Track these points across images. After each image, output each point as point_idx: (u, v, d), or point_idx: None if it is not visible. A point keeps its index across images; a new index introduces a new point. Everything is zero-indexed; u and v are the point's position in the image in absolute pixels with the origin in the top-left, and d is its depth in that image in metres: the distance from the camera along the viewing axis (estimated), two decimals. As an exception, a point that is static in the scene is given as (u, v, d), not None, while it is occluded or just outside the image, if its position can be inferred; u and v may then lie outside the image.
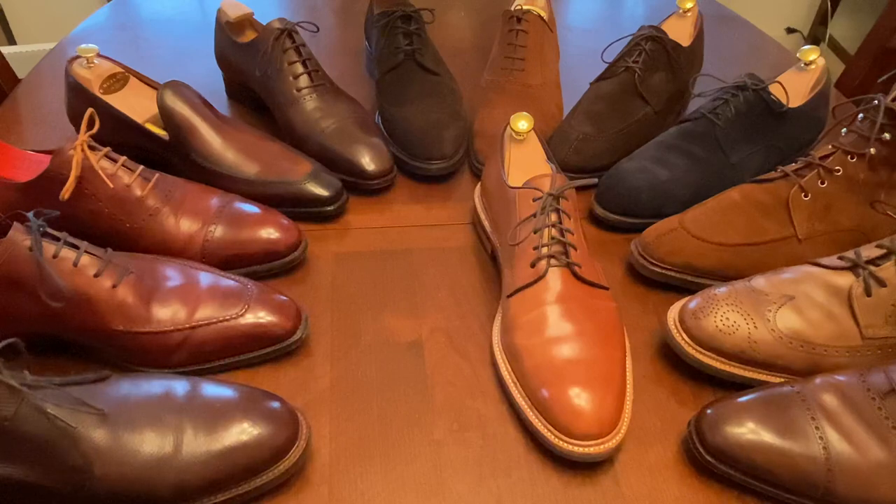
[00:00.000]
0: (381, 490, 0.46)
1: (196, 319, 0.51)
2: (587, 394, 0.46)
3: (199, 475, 0.42)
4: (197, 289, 0.53)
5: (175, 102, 0.65)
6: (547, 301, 0.51)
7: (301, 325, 0.54)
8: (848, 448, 0.42)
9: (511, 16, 0.80)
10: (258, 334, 0.52)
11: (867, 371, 0.45)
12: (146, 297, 0.51)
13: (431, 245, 0.66)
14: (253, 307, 0.52)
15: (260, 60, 0.74)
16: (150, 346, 0.51)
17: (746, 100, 0.66)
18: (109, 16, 1.08)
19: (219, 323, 0.51)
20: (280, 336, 0.53)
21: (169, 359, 0.51)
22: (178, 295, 0.52)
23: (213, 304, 0.52)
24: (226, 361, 0.53)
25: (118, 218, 0.57)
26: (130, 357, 0.51)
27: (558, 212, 0.55)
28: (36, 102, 0.85)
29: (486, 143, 0.73)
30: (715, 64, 0.92)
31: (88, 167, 0.55)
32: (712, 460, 0.45)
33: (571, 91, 0.80)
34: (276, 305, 0.53)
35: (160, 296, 0.52)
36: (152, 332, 0.51)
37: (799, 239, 0.57)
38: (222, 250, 0.59)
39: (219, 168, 0.65)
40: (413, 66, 0.77)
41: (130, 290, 0.51)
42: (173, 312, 0.51)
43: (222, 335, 0.51)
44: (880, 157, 0.55)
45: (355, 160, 0.69)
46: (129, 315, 0.50)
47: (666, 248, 0.59)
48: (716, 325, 0.50)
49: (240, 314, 0.52)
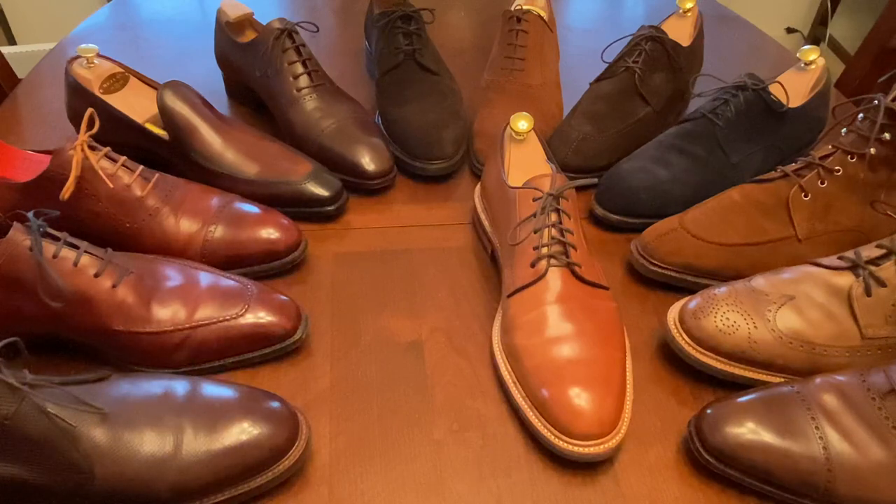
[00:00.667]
0: (381, 490, 0.46)
1: (196, 319, 0.51)
2: (587, 394, 0.46)
3: (199, 475, 0.42)
4: (197, 289, 0.53)
5: (175, 102, 0.65)
6: (547, 301, 0.51)
7: (301, 325, 0.54)
8: (848, 448, 0.42)
9: (511, 16, 0.80)
10: (258, 334, 0.52)
11: (867, 371, 0.45)
12: (146, 297, 0.51)
13: (431, 245, 0.66)
14: (253, 307, 0.52)
15: (260, 60, 0.74)
16: (151, 346, 0.51)
17: (746, 100, 0.66)
18: (109, 16, 1.08)
19: (219, 323, 0.51)
20: (280, 336, 0.53)
21: (169, 359, 0.51)
22: (178, 295, 0.52)
23: (213, 304, 0.52)
24: (226, 361, 0.53)
25: (118, 218, 0.57)
26: (130, 357, 0.51)
27: (558, 212, 0.55)
28: (36, 102, 0.85)
29: (486, 143, 0.73)
30: (715, 64, 0.92)
31: (88, 167, 0.55)
32: (712, 460, 0.45)
33: (571, 91, 0.80)
34: (276, 305, 0.53)
35: (160, 296, 0.52)
36: (152, 332, 0.51)
37: (799, 239, 0.57)
38: (222, 250, 0.59)
39: (219, 168, 0.65)
40: (413, 66, 0.77)
41: (130, 290, 0.51)
42: (173, 312, 0.51)
43: (222, 335, 0.51)
44: (880, 157, 0.55)
45: (355, 160, 0.69)
46: (129, 315, 0.50)
47: (666, 248, 0.59)
48: (716, 325, 0.50)
49: (240, 314, 0.52)
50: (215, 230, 0.59)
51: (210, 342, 0.51)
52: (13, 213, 0.57)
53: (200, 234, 0.58)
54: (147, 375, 0.46)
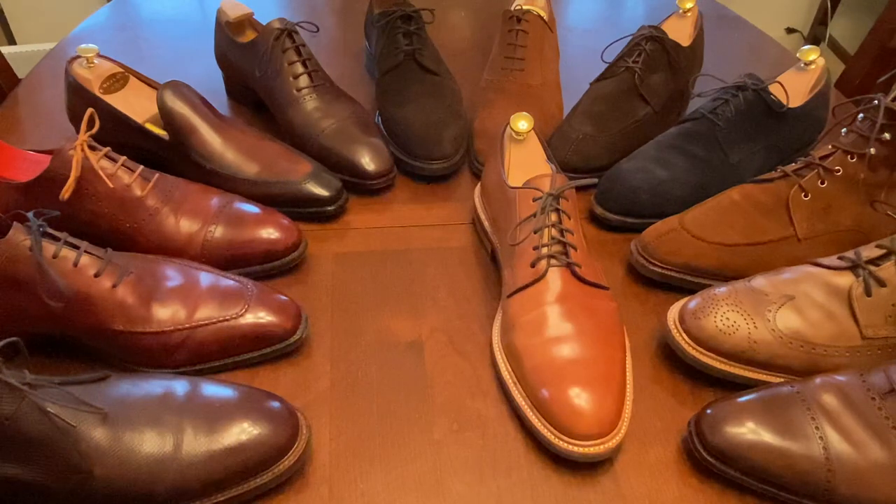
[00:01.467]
0: (381, 490, 0.46)
1: (196, 319, 0.51)
2: (587, 394, 0.46)
3: (199, 475, 0.42)
4: (197, 289, 0.53)
5: (175, 102, 0.65)
6: (547, 301, 0.51)
7: (301, 325, 0.54)
8: (848, 448, 0.42)
9: (511, 16, 0.80)
10: (258, 334, 0.52)
11: (867, 371, 0.45)
12: (146, 297, 0.51)
13: (431, 245, 0.66)
14: (253, 307, 0.52)
15: (260, 60, 0.74)
16: (151, 345, 0.51)
17: (746, 100, 0.66)
18: (109, 16, 1.08)
19: (219, 323, 0.51)
20: (280, 336, 0.53)
21: (169, 359, 0.51)
22: (178, 295, 0.52)
23: (213, 304, 0.52)
24: (226, 361, 0.53)
25: (118, 218, 0.57)
26: (130, 357, 0.51)
27: (558, 212, 0.55)
28: (36, 102, 0.85)
29: (486, 143, 0.73)
30: (715, 64, 0.92)
31: (88, 167, 0.55)
32: (712, 460, 0.45)
33: (571, 91, 0.80)
34: (276, 305, 0.53)
35: (160, 296, 0.52)
36: (152, 332, 0.51)
37: (799, 239, 0.57)
38: (222, 250, 0.59)
39: (219, 168, 0.65)
40: (413, 66, 0.77)
41: (130, 290, 0.51)
42: (173, 312, 0.51)
43: (222, 335, 0.51)
44: (880, 157, 0.55)
45: (355, 160, 0.69)
46: (128, 315, 0.50)
47: (666, 248, 0.59)
48: (716, 325, 0.50)
49: (240, 314, 0.52)
50: (215, 230, 0.59)
51: (210, 342, 0.51)
52: (13, 213, 0.57)
53: (200, 234, 0.58)
54: (147, 375, 0.46)
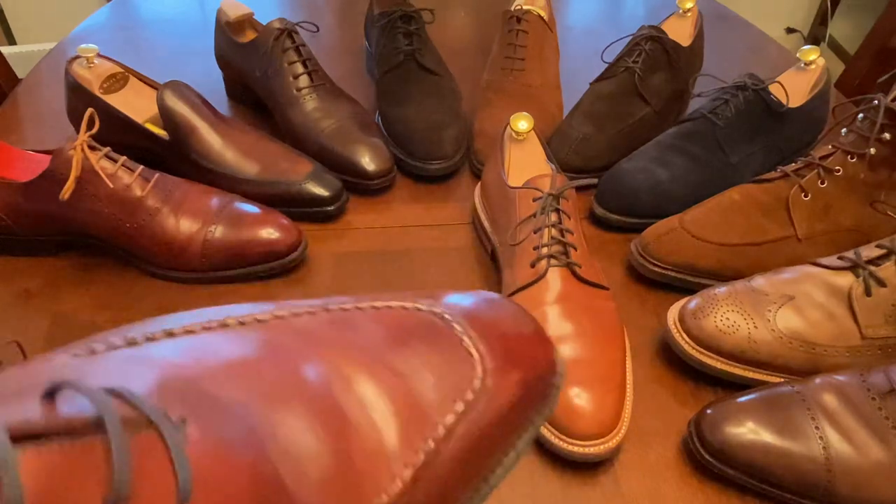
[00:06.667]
0: (381, 490, 0.46)
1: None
2: (587, 394, 0.46)
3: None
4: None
5: (175, 102, 0.65)
6: (547, 301, 0.51)
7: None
8: (848, 448, 0.42)
9: (511, 16, 0.80)
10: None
11: (867, 371, 0.44)
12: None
13: (431, 245, 0.66)
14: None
15: (260, 60, 0.74)
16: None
17: (746, 100, 0.66)
18: (109, 16, 1.08)
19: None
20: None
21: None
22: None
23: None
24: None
25: (118, 218, 0.57)
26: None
27: (558, 212, 0.55)
28: (36, 102, 0.85)
29: (486, 143, 0.73)
30: (715, 64, 0.92)
31: (88, 167, 0.55)
32: (712, 460, 0.45)
33: (571, 91, 0.80)
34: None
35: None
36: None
37: (799, 239, 0.57)
38: (222, 250, 0.59)
39: (219, 168, 0.65)
40: (413, 66, 0.77)
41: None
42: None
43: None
44: (880, 157, 0.55)
45: (355, 160, 0.69)
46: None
47: (666, 248, 0.59)
48: (716, 325, 0.50)
49: None
50: (215, 230, 0.59)
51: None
52: (13, 212, 0.57)
53: (200, 234, 0.58)
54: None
